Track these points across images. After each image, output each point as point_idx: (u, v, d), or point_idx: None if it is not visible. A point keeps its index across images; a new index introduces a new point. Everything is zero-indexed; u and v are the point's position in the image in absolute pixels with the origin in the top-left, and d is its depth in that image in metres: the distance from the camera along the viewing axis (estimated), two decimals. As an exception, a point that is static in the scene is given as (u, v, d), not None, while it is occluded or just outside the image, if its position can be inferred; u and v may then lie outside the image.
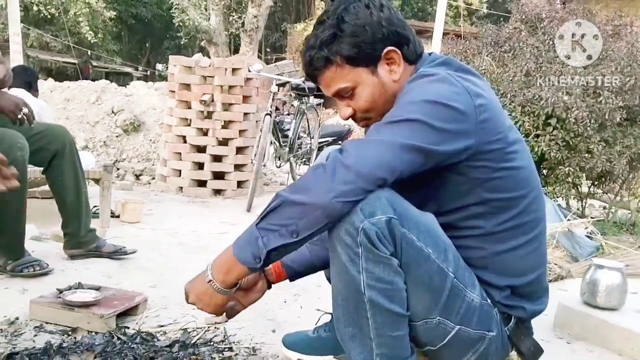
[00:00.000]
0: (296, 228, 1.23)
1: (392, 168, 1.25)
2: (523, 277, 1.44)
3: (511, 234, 1.41)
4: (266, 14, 13.72)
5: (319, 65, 1.42)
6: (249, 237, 1.27)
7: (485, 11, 17.95)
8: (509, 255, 1.42)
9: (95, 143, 6.57)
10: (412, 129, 1.27)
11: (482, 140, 1.32)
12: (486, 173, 1.35)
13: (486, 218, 1.40)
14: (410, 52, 1.44)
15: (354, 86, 1.43)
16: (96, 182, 3.63)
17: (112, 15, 16.35)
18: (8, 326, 1.93)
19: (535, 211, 1.44)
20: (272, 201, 1.27)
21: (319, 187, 1.22)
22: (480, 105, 1.33)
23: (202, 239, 3.54)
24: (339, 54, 1.39)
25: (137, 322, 2.04)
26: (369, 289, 1.28)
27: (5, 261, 2.50)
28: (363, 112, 1.47)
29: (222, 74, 5.31)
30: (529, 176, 1.43)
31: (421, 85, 1.34)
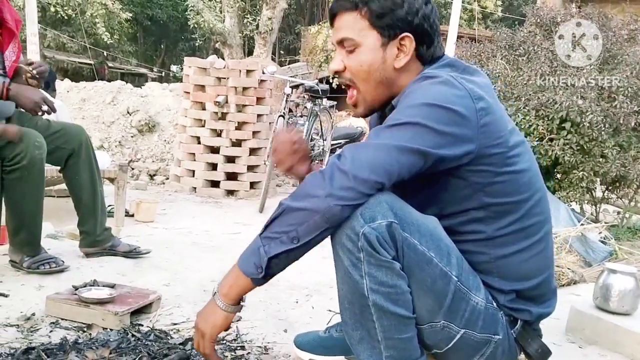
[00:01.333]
0: (297, 234, 1.24)
1: (389, 172, 1.25)
2: (528, 281, 1.43)
3: (514, 238, 1.40)
4: (280, 16, 13.76)
5: (346, 4, 1.41)
6: (252, 248, 1.29)
7: (500, 15, 17.88)
8: (512, 260, 1.41)
9: (110, 143, 6.64)
10: (411, 132, 1.26)
11: (483, 145, 1.32)
12: (487, 177, 1.35)
13: (487, 222, 1.39)
14: (426, 53, 1.43)
15: (359, 44, 1.41)
16: (111, 181, 3.67)
17: (128, 17, 16.49)
18: (24, 322, 1.96)
19: (539, 214, 1.43)
20: (276, 210, 1.28)
21: (318, 192, 1.23)
22: (482, 108, 1.32)
23: (215, 239, 3.57)
24: (367, 5, 1.38)
25: (150, 320, 2.06)
26: (372, 293, 1.29)
27: (22, 258, 2.53)
28: (352, 74, 1.44)
29: (237, 76, 5.35)
30: (532, 179, 1.42)
31: (423, 88, 1.34)
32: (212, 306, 1.35)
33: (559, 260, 2.87)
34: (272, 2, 12.99)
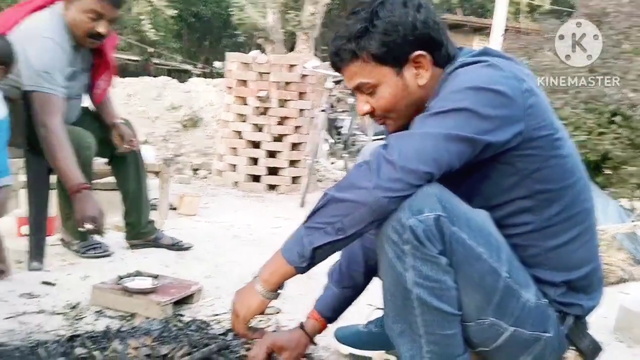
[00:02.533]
0: (342, 225, 1.22)
1: (438, 161, 1.22)
2: (578, 270, 1.38)
3: (563, 227, 1.36)
4: (323, 11, 13.74)
5: (344, 57, 1.38)
6: (296, 237, 1.28)
7: (548, 7, 17.40)
8: (563, 250, 1.37)
9: (155, 137, 6.77)
10: (457, 119, 1.23)
11: (530, 126, 1.28)
12: (535, 162, 1.31)
13: (536, 212, 1.35)
14: (441, 56, 1.38)
15: (377, 84, 1.38)
16: (156, 175, 3.74)
17: (174, 14, 16.77)
18: (70, 310, 2.02)
19: (585, 201, 1.39)
20: (319, 200, 1.27)
21: (364, 184, 1.21)
22: (527, 90, 1.28)
23: (256, 233, 3.59)
24: (367, 50, 1.34)
25: (192, 310, 2.09)
26: (416, 287, 1.26)
27: (72, 241, 2.71)
28: (382, 111, 1.42)
29: (279, 71, 5.37)
30: (575, 165, 1.38)
31: (466, 72, 1.30)
32: (250, 289, 1.36)
33: (607, 258, 2.78)
34: (314, -3, 12.99)
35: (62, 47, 2.36)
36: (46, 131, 2.25)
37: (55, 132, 2.26)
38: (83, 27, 2.37)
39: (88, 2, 2.34)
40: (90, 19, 2.36)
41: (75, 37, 2.41)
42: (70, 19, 2.38)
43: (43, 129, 2.25)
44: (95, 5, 2.34)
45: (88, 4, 2.34)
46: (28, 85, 2.29)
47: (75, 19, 2.37)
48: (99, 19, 2.37)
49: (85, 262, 2.61)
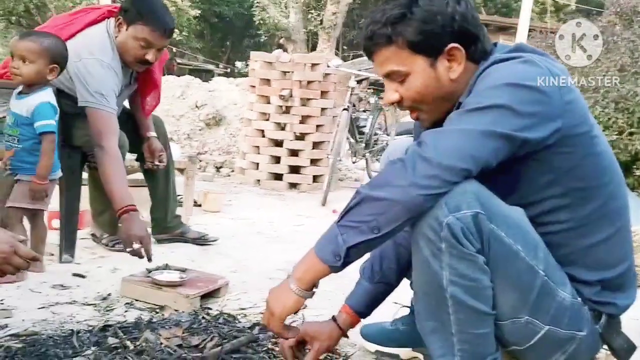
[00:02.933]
0: (377, 224, 1.20)
1: (475, 157, 1.20)
2: (614, 269, 1.37)
3: (599, 225, 1.34)
4: (345, 11, 13.75)
5: (379, 41, 1.35)
6: (329, 235, 1.26)
7: (574, 6, 17.17)
8: (598, 248, 1.35)
9: (179, 135, 6.83)
10: (495, 115, 1.21)
11: (568, 123, 1.26)
12: (572, 160, 1.29)
13: (571, 210, 1.33)
14: (476, 51, 1.36)
15: (408, 73, 1.35)
16: (181, 172, 3.77)
17: (197, 14, 16.92)
18: (101, 301, 2.06)
19: (620, 198, 1.37)
20: (352, 198, 1.25)
21: (399, 182, 1.19)
22: (564, 86, 1.27)
23: (279, 230, 3.61)
24: (402, 36, 1.32)
25: (219, 304, 2.11)
26: (451, 285, 1.25)
27: (102, 235, 2.79)
28: (411, 102, 1.39)
29: (301, 69, 5.38)
30: (611, 162, 1.36)
31: (503, 68, 1.28)
32: (285, 288, 1.34)
33: (638, 260, 2.73)
34: (336, -3, 13.00)
35: (115, 71, 2.40)
36: (103, 153, 2.29)
37: (113, 154, 2.30)
38: (133, 53, 2.40)
39: (140, 30, 2.36)
40: (141, 47, 2.38)
41: (122, 59, 2.44)
42: (120, 42, 2.40)
43: (101, 150, 2.29)
44: (148, 35, 2.36)
45: (140, 32, 2.36)
46: (88, 102, 2.32)
47: (126, 44, 2.39)
48: (149, 47, 2.39)
49: (115, 255, 2.65)
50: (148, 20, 2.35)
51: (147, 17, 2.35)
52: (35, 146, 2.16)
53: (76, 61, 2.31)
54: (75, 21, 2.46)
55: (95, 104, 2.32)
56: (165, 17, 2.42)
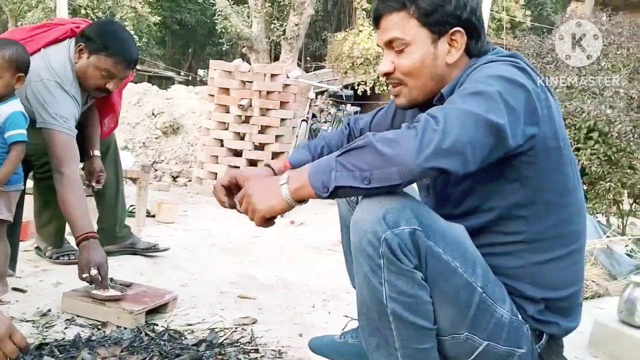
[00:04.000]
0: (369, 175, 1.19)
1: (475, 148, 1.18)
2: (560, 291, 1.38)
3: (553, 244, 1.36)
4: (307, 22, 13.79)
5: (392, 4, 1.39)
6: (326, 165, 1.24)
7: (529, 24, 17.66)
8: (548, 267, 1.36)
9: (134, 144, 6.71)
10: (492, 103, 1.20)
11: (543, 134, 1.28)
12: (540, 172, 1.31)
13: (528, 222, 1.34)
14: (475, 46, 1.41)
15: (410, 42, 1.38)
16: (134, 181, 3.70)
17: (157, 20, 16.70)
18: (40, 317, 1.98)
19: (578, 223, 1.40)
20: (360, 139, 1.22)
21: (407, 145, 1.15)
22: (545, 99, 1.31)
23: (235, 241, 3.57)
24: (415, 4, 1.36)
25: (165, 320, 2.06)
26: (391, 301, 1.26)
27: (46, 247, 2.71)
28: (402, 74, 1.41)
29: (261, 80, 5.36)
30: (576, 187, 1.39)
31: (498, 65, 1.31)
32: (275, 189, 1.29)
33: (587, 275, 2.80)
34: (299, 8, 13.04)
35: (75, 98, 2.32)
36: (63, 178, 2.20)
37: (73, 179, 2.22)
38: (93, 82, 2.32)
39: (104, 61, 2.27)
40: (102, 77, 2.30)
41: (81, 85, 2.35)
42: (80, 68, 2.31)
43: (60, 175, 2.21)
44: (112, 66, 2.28)
45: (103, 63, 2.27)
46: (48, 124, 2.23)
47: (86, 72, 2.30)
48: (110, 78, 2.32)
49: (59, 268, 2.57)
50: (112, 51, 2.27)
51: (112, 49, 2.27)
52: (3, 156, 2.08)
53: (36, 80, 2.23)
54: (36, 37, 2.36)
55: (57, 126, 2.23)
56: (130, 48, 2.35)
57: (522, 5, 19.07)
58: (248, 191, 1.34)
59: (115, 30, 2.37)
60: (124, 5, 14.95)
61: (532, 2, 20.64)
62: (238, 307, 2.29)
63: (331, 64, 12.98)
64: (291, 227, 4.19)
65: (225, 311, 2.21)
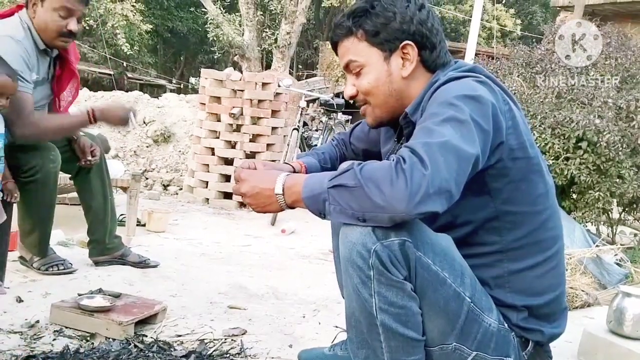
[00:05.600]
0: (363, 217, 1.21)
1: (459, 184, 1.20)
2: (541, 297, 1.40)
3: (528, 251, 1.38)
4: (299, 31, 13.83)
5: (340, 32, 1.46)
6: (319, 193, 1.24)
7: (519, 33, 17.81)
8: (526, 274, 1.38)
9: (125, 152, 6.68)
10: (469, 129, 1.22)
11: (509, 147, 1.31)
12: (508, 183, 1.33)
13: (502, 233, 1.37)
14: (430, 57, 1.43)
15: (363, 64, 1.44)
16: (124, 190, 3.68)
17: (149, 29, 16.67)
18: (28, 329, 1.96)
19: (553, 228, 1.41)
20: (349, 175, 1.21)
21: (398, 195, 1.14)
22: (509, 110, 1.33)
23: (225, 251, 3.56)
24: (361, 28, 1.42)
25: (155, 331, 2.05)
26: (381, 313, 1.26)
27: (31, 257, 2.65)
28: (363, 94, 1.47)
29: (252, 88, 5.37)
30: (548, 192, 1.40)
31: (459, 84, 1.32)
32: (270, 197, 1.33)
33: (572, 282, 2.81)
34: (291, 17, 13.08)
35: (26, 49, 2.33)
36: (31, 129, 2.28)
37: (38, 125, 2.32)
38: (54, 26, 2.36)
39: (57, 0, 2.33)
40: (61, 17, 2.35)
41: (45, 40, 2.39)
42: (39, 21, 2.36)
43: (26, 129, 2.27)
44: (66, 2, 2.34)
45: (57, 1, 2.33)
46: None
47: (45, 20, 2.35)
48: (69, 16, 2.36)
49: (47, 279, 2.54)
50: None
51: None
52: None
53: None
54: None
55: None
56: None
57: (513, 14, 19.24)
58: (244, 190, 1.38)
59: None
60: (115, 13, 14.92)
61: (522, 11, 20.83)
62: (228, 317, 2.28)
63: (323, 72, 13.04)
64: (282, 236, 4.19)
65: (215, 322, 2.20)
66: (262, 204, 1.35)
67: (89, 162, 2.66)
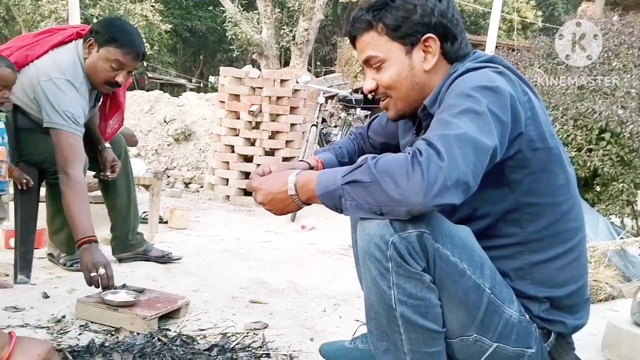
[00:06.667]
0: (380, 211, 1.20)
1: (477, 176, 1.19)
2: (563, 289, 1.38)
3: (549, 243, 1.36)
4: (317, 27, 13.85)
5: (360, 26, 1.43)
6: (334, 189, 1.24)
7: (540, 25, 17.58)
8: (548, 265, 1.37)
9: (147, 151, 6.76)
10: (486, 121, 1.20)
11: (528, 138, 1.29)
12: (527, 175, 1.32)
13: (522, 225, 1.35)
14: (452, 49, 1.41)
15: (384, 59, 1.42)
16: (146, 188, 3.73)
17: (168, 28, 16.83)
18: (55, 324, 2.00)
19: (574, 220, 1.39)
20: (363, 169, 1.20)
21: (414, 188, 1.13)
22: (528, 100, 1.31)
23: (246, 247, 3.58)
24: (382, 22, 1.39)
25: (178, 325, 2.07)
26: (400, 305, 1.26)
27: (59, 254, 2.72)
28: (385, 88, 1.45)
29: (271, 85, 5.38)
30: (569, 183, 1.38)
31: (476, 74, 1.31)
32: (285, 199, 1.34)
33: (596, 275, 2.78)
34: (308, 13, 13.10)
35: (84, 95, 2.37)
36: (69, 179, 2.24)
37: (78, 182, 2.26)
38: (103, 75, 2.37)
39: (113, 52, 2.33)
40: (112, 69, 2.35)
41: (91, 81, 2.40)
42: (90, 64, 2.37)
43: (66, 177, 2.25)
44: (121, 56, 2.34)
45: (113, 54, 2.33)
46: (56, 124, 2.27)
47: (96, 66, 2.36)
48: (120, 69, 2.37)
49: (73, 275, 2.59)
50: (121, 43, 2.33)
51: (121, 40, 2.33)
52: None
53: (45, 80, 2.27)
54: (41, 42, 2.41)
55: (64, 126, 2.27)
56: (137, 40, 2.42)
57: (534, 6, 19.00)
58: (260, 200, 1.39)
59: (123, 24, 2.46)
60: (135, 14, 15.08)
61: (543, 2, 20.55)
62: (249, 312, 2.30)
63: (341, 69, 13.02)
64: (302, 231, 4.20)
65: (236, 316, 2.23)
66: (280, 207, 1.36)
67: (107, 177, 2.69)
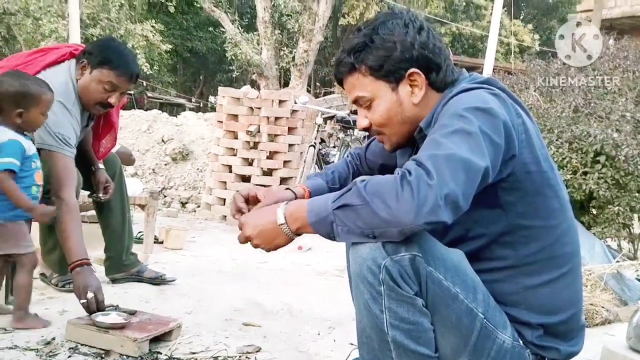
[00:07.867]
0: (373, 234, 1.21)
1: (468, 196, 1.20)
2: (557, 315, 1.37)
3: (543, 267, 1.35)
4: (316, 49, 13.97)
5: (344, 69, 1.45)
6: (325, 215, 1.24)
7: (537, 48, 17.74)
8: (541, 291, 1.36)
9: (144, 170, 6.76)
10: (478, 141, 1.21)
11: (522, 160, 1.29)
12: (521, 197, 1.31)
13: (516, 247, 1.35)
14: (437, 79, 1.41)
15: (372, 98, 1.43)
16: (142, 208, 3.71)
17: (168, 48, 16.95)
18: (44, 346, 1.97)
19: (569, 244, 1.39)
20: (350, 188, 1.22)
21: (405, 208, 1.15)
22: (522, 123, 1.32)
23: (241, 267, 3.56)
24: (364, 63, 1.40)
25: (169, 348, 2.05)
26: (392, 329, 1.25)
27: (51, 274, 2.70)
28: (377, 126, 1.46)
29: (269, 106, 5.41)
30: (563, 207, 1.38)
31: (471, 95, 1.32)
32: (274, 230, 1.33)
33: (592, 299, 2.76)
34: (308, 35, 13.22)
35: (76, 115, 2.36)
36: (61, 203, 2.23)
37: (71, 205, 2.25)
38: (95, 96, 2.37)
39: (106, 74, 2.33)
40: (105, 90, 2.35)
41: (82, 102, 2.40)
42: (82, 85, 2.36)
43: (59, 200, 2.23)
44: (114, 78, 2.34)
45: (106, 76, 2.33)
46: (48, 145, 2.26)
47: (88, 87, 2.35)
48: (113, 91, 2.37)
49: (64, 295, 2.57)
50: (115, 64, 2.33)
51: (114, 62, 2.33)
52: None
53: None
54: (34, 61, 2.40)
55: (56, 147, 2.26)
56: (131, 61, 2.42)
57: (531, 29, 19.20)
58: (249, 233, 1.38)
59: (117, 45, 2.46)
60: (135, 34, 15.20)
61: (540, 26, 20.76)
62: (243, 334, 2.28)
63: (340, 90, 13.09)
64: (298, 252, 4.18)
65: (229, 339, 2.20)
66: (269, 239, 1.35)
67: (100, 199, 2.69)
